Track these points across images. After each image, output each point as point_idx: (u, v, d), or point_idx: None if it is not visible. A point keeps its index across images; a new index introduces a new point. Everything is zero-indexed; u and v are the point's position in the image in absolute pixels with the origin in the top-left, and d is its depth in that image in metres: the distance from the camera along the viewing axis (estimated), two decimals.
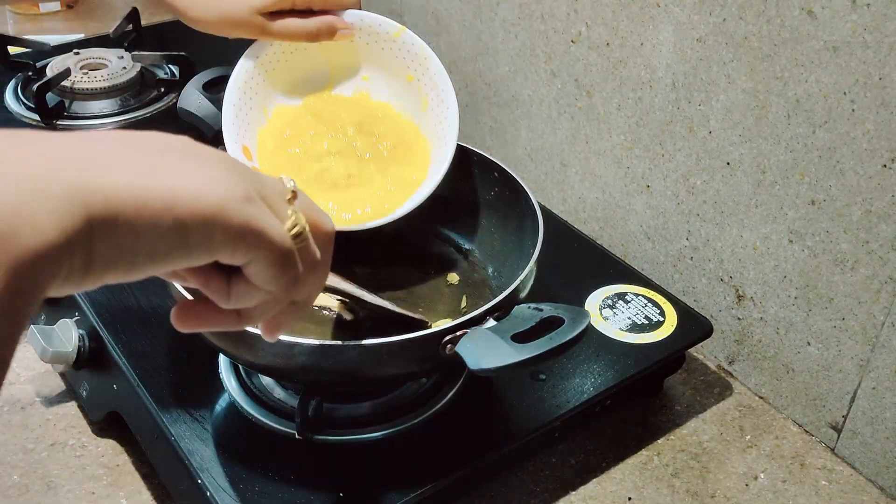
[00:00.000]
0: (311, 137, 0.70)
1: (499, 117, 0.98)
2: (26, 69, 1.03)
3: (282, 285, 0.36)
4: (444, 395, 0.65)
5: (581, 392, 0.66)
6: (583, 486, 0.67)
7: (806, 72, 0.64)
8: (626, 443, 0.71)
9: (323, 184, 0.68)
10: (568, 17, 0.83)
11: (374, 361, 0.56)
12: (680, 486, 0.67)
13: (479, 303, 0.64)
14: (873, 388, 0.67)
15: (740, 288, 0.76)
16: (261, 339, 0.54)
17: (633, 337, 0.70)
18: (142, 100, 1.00)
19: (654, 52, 0.76)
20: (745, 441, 0.72)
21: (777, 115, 0.67)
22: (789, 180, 0.68)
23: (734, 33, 0.68)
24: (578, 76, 0.85)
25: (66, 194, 0.28)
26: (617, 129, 0.83)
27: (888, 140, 0.60)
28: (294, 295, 0.38)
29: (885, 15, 0.58)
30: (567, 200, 0.92)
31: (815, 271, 0.69)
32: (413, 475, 0.59)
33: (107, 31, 1.10)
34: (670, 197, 0.79)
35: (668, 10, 0.73)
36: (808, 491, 0.68)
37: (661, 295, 0.75)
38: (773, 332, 0.74)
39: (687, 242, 0.79)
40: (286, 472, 0.58)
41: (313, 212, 0.39)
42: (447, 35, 1.01)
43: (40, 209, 0.27)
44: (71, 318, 0.69)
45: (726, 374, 0.79)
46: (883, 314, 0.65)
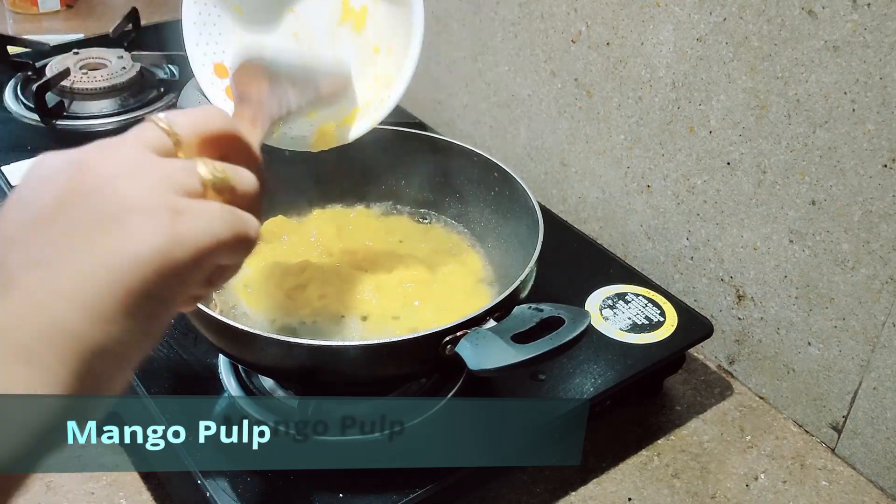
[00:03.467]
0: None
1: (499, 117, 0.98)
2: (26, 69, 1.03)
3: (243, 255, 0.37)
4: (445, 394, 0.65)
5: (581, 392, 0.66)
6: (583, 486, 0.67)
7: (806, 71, 0.64)
8: (626, 443, 0.71)
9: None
10: (568, 16, 0.83)
11: (374, 361, 0.56)
12: (680, 486, 0.67)
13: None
14: (874, 389, 0.67)
15: (741, 288, 0.76)
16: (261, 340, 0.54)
17: (633, 337, 0.70)
18: (141, 100, 1.00)
19: (654, 52, 0.76)
20: (745, 441, 0.72)
21: (777, 114, 0.67)
22: (790, 180, 0.68)
23: (734, 33, 0.68)
24: (578, 76, 0.85)
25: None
26: (617, 129, 0.83)
27: (889, 140, 0.60)
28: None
29: (886, 15, 0.58)
30: (567, 200, 0.92)
31: (815, 271, 0.69)
32: (413, 475, 0.59)
33: (106, 31, 1.10)
34: (670, 197, 0.79)
35: (668, 10, 0.73)
36: (808, 491, 0.68)
37: (662, 295, 0.75)
38: (774, 332, 0.74)
39: (687, 242, 0.79)
40: (286, 472, 0.58)
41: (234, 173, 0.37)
42: (447, 35, 1.01)
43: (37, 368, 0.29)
44: None
45: (726, 374, 0.79)
46: (884, 314, 0.65)
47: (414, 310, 0.67)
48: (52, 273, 0.30)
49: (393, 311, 0.67)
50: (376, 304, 0.67)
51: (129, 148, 0.34)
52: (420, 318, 0.66)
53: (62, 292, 0.30)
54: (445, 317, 0.65)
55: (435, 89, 1.05)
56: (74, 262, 0.31)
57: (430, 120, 1.05)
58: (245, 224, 0.36)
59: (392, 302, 0.67)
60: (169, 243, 0.32)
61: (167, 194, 0.33)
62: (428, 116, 1.06)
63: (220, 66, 0.65)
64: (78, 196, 0.32)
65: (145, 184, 0.33)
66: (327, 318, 0.66)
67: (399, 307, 0.67)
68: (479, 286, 0.71)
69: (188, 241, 0.32)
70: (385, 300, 0.67)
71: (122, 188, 0.32)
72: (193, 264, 0.33)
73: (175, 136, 0.35)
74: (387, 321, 0.66)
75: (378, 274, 0.70)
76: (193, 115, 0.37)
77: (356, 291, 0.68)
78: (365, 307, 0.66)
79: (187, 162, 0.35)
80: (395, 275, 0.70)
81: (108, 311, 0.31)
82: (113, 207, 0.32)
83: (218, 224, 0.34)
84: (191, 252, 0.32)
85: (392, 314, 0.66)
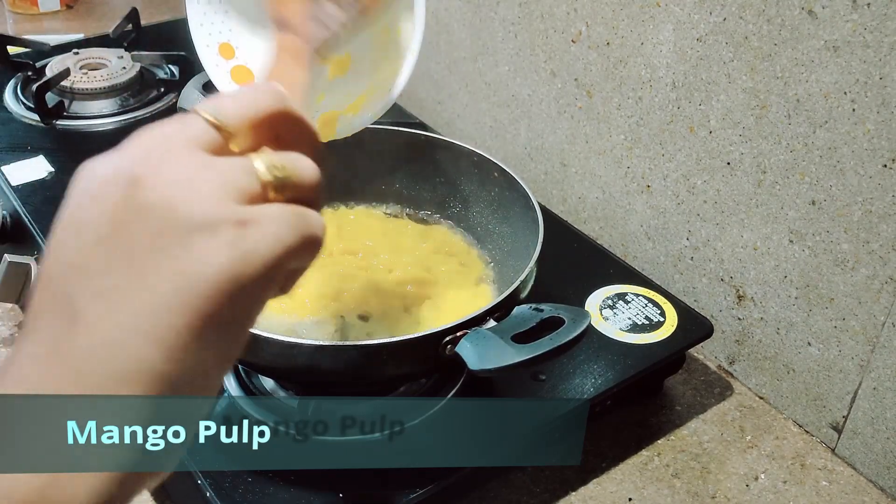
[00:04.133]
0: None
1: (499, 117, 0.98)
2: (26, 69, 1.03)
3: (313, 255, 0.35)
4: (445, 395, 0.65)
5: (581, 392, 0.66)
6: (583, 486, 0.67)
7: (806, 71, 0.64)
8: (627, 443, 0.71)
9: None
10: (568, 16, 0.83)
11: (374, 361, 0.56)
12: (680, 486, 0.67)
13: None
14: (874, 389, 0.67)
15: (741, 288, 0.76)
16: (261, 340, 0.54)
17: (633, 337, 0.70)
18: (141, 100, 1.00)
19: (654, 52, 0.76)
20: (745, 441, 0.72)
21: (777, 114, 0.67)
22: (790, 180, 0.68)
23: (734, 33, 0.68)
24: (578, 76, 0.85)
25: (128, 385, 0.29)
26: (617, 129, 0.83)
27: (888, 140, 0.60)
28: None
29: (886, 14, 0.58)
30: (567, 200, 0.92)
31: (815, 271, 0.69)
32: (413, 475, 0.59)
33: (106, 31, 1.10)
34: (670, 197, 0.79)
35: (668, 10, 0.73)
36: (808, 491, 0.68)
37: (662, 295, 0.75)
38: (774, 333, 0.74)
39: (687, 242, 0.79)
40: (286, 472, 0.58)
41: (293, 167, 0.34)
42: (447, 35, 1.01)
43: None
44: None
45: (727, 374, 0.79)
46: (883, 314, 0.65)
47: (414, 310, 0.67)
48: (119, 305, 0.29)
49: (393, 312, 0.67)
50: (376, 304, 0.67)
51: (179, 152, 0.31)
52: (420, 318, 0.66)
53: (133, 326, 0.29)
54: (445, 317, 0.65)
55: (435, 89, 1.05)
56: (141, 292, 0.29)
57: (430, 120, 1.05)
58: (311, 225, 0.33)
59: (392, 302, 0.67)
60: (236, 261, 0.30)
61: (228, 205, 0.30)
62: (428, 116, 1.06)
63: (225, 46, 0.62)
64: (134, 216, 0.30)
65: (203, 195, 0.30)
66: (327, 318, 0.66)
67: (399, 307, 0.67)
68: (479, 286, 0.71)
69: (256, 257, 0.30)
70: (385, 300, 0.67)
71: (180, 204, 0.30)
72: (264, 279, 0.31)
73: (224, 128, 0.32)
74: (387, 321, 0.66)
75: (378, 274, 0.70)
76: (240, 99, 0.33)
77: (356, 291, 0.68)
78: (365, 307, 0.66)
79: (243, 161, 0.32)
80: (395, 275, 0.70)
81: (182, 341, 0.29)
82: (172, 227, 0.29)
83: (284, 230, 0.31)
84: (260, 267, 0.30)
85: (392, 314, 0.66)
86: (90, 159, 0.32)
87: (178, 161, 0.31)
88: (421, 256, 0.73)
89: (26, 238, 0.77)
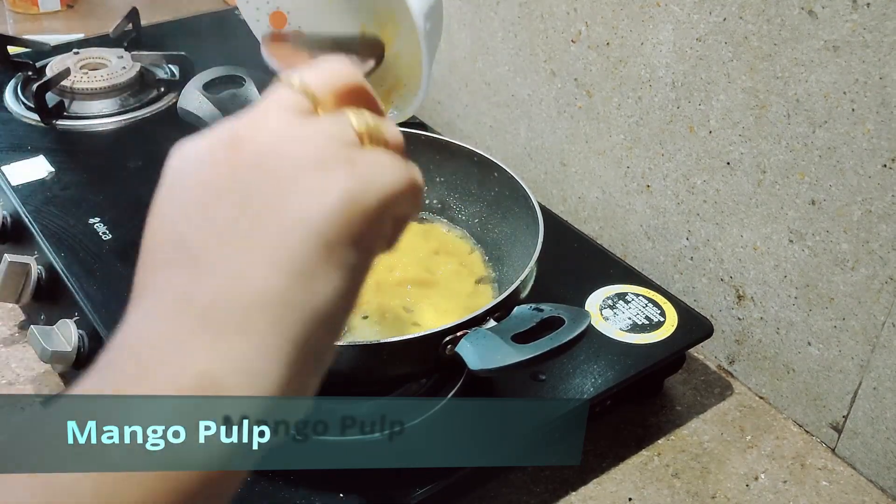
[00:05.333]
0: None
1: (499, 117, 0.98)
2: (26, 69, 1.03)
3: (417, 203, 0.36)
4: (445, 394, 0.65)
5: (581, 392, 0.66)
6: (583, 486, 0.67)
7: (806, 71, 0.64)
8: (627, 443, 0.71)
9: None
10: (567, 16, 0.83)
11: (373, 361, 0.56)
12: (680, 486, 0.67)
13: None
14: (874, 389, 0.67)
15: (740, 288, 0.76)
16: None
17: (633, 337, 0.70)
18: (142, 100, 1.00)
19: (653, 52, 0.76)
20: (745, 441, 0.72)
21: (777, 114, 0.67)
22: (789, 180, 0.68)
23: (734, 33, 0.68)
24: (578, 76, 0.85)
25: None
26: (617, 129, 0.83)
27: (888, 140, 0.60)
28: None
29: (885, 14, 0.58)
30: (567, 200, 0.92)
31: (815, 271, 0.69)
32: (413, 475, 0.59)
33: (107, 31, 1.10)
34: (670, 197, 0.79)
35: (667, 10, 0.73)
36: (808, 491, 0.68)
37: (662, 295, 0.75)
38: (774, 332, 0.74)
39: (687, 242, 0.79)
40: (286, 473, 0.58)
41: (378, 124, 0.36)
42: (447, 35, 1.01)
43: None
44: (71, 318, 0.69)
45: (726, 374, 0.79)
46: (883, 314, 0.65)
47: (414, 310, 0.67)
48: (243, 243, 0.29)
49: (393, 311, 0.67)
50: (376, 304, 0.67)
51: (276, 113, 0.32)
52: (420, 318, 0.66)
53: (260, 259, 0.29)
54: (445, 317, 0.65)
55: (435, 89, 1.05)
56: (263, 229, 0.29)
57: (430, 120, 1.05)
58: (413, 170, 0.34)
59: (392, 302, 0.67)
60: (355, 190, 0.30)
61: (335, 147, 0.32)
62: (428, 116, 1.06)
63: (277, 16, 0.62)
64: (243, 169, 0.30)
65: (310, 142, 0.31)
66: None
67: (399, 307, 0.67)
68: (479, 286, 0.71)
69: (372, 186, 0.31)
70: (385, 300, 0.67)
71: (288, 151, 0.31)
72: (381, 210, 0.31)
73: (312, 94, 0.33)
74: (387, 321, 0.66)
75: (378, 274, 0.70)
76: (324, 71, 0.35)
77: None
78: (365, 307, 0.66)
79: (338, 115, 0.33)
80: (395, 275, 0.70)
81: (310, 268, 0.29)
82: (285, 170, 0.30)
83: (391, 169, 0.33)
84: (376, 196, 0.31)
85: (392, 314, 0.66)
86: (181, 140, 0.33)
87: (277, 119, 0.32)
88: (421, 256, 0.73)
89: (26, 238, 0.77)
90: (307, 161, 0.31)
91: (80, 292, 0.69)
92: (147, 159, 0.86)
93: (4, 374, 0.73)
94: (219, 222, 0.30)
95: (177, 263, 0.30)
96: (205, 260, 0.29)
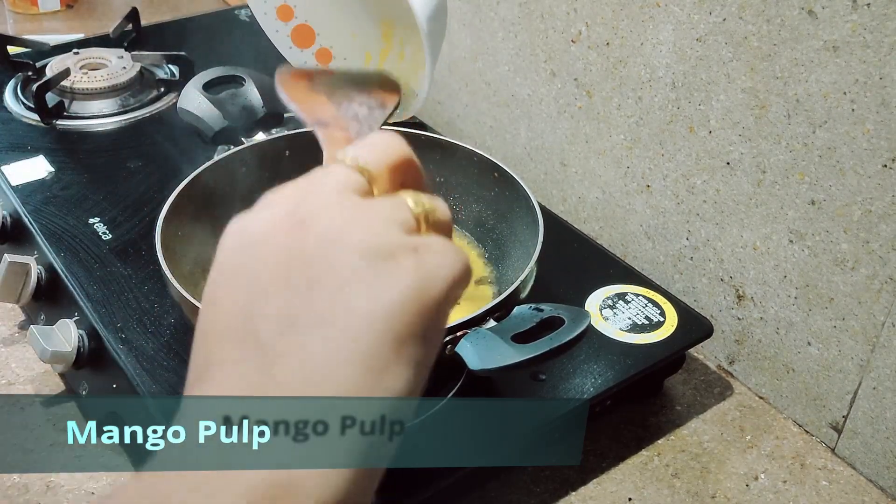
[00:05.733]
0: None
1: (499, 117, 0.98)
2: (26, 69, 1.03)
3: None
4: (445, 394, 0.65)
5: (581, 392, 0.66)
6: (583, 486, 0.67)
7: (806, 71, 0.64)
8: (627, 443, 0.71)
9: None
10: (568, 16, 0.83)
11: None
12: (680, 486, 0.67)
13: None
14: (874, 389, 0.67)
15: (740, 288, 0.76)
16: None
17: (633, 337, 0.70)
18: (142, 100, 1.00)
19: (654, 52, 0.76)
20: (745, 441, 0.72)
21: (777, 114, 0.67)
22: (789, 180, 0.68)
23: (734, 33, 0.68)
24: (578, 76, 0.85)
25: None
26: (617, 129, 0.83)
27: (888, 140, 0.60)
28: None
29: (885, 15, 0.58)
30: (567, 200, 0.92)
31: (815, 271, 0.69)
32: (413, 476, 0.59)
33: (107, 31, 1.10)
34: (670, 197, 0.79)
35: (667, 10, 0.73)
36: (808, 491, 0.68)
37: (662, 295, 0.75)
38: (774, 332, 0.74)
39: (687, 242, 0.79)
40: None
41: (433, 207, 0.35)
42: (447, 35, 1.01)
43: None
44: (71, 318, 0.69)
45: (726, 374, 0.79)
46: (883, 314, 0.65)
47: None
48: (312, 335, 0.29)
49: None
50: None
51: (334, 195, 0.32)
52: None
53: (335, 352, 0.29)
54: None
55: (435, 89, 1.05)
56: (332, 320, 0.29)
57: (430, 120, 1.05)
58: (464, 253, 0.34)
59: None
60: (422, 280, 0.30)
61: (398, 234, 0.31)
62: (428, 116, 1.06)
63: (284, 9, 0.62)
64: (308, 256, 0.30)
65: (374, 228, 0.31)
66: None
67: None
68: (479, 286, 0.71)
69: (437, 277, 0.31)
70: None
71: (353, 238, 0.30)
72: (446, 299, 0.31)
73: (367, 172, 0.33)
74: None
75: None
76: (376, 146, 0.34)
77: None
78: None
79: (395, 198, 0.33)
80: None
81: (381, 363, 0.29)
82: (351, 259, 0.30)
83: (452, 257, 0.32)
84: (441, 287, 0.31)
85: None
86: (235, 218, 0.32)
87: (337, 202, 0.31)
88: None
89: (26, 238, 0.77)
90: (375, 249, 0.30)
91: (80, 292, 0.69)
92: (147, 159, 0.86)
93: (4, 374, 0.73)
94: (288, 312, 0.29)
95: (243, 349, 0.29)
96: (280, 351, 0.29)
